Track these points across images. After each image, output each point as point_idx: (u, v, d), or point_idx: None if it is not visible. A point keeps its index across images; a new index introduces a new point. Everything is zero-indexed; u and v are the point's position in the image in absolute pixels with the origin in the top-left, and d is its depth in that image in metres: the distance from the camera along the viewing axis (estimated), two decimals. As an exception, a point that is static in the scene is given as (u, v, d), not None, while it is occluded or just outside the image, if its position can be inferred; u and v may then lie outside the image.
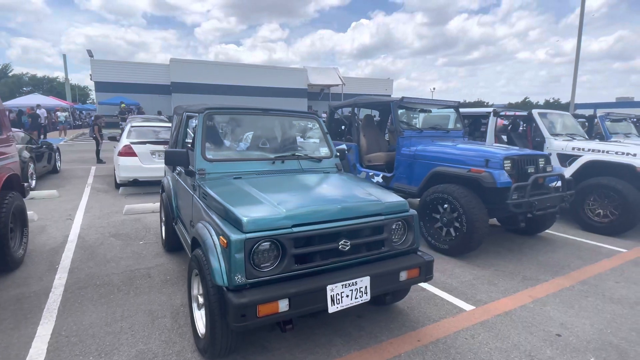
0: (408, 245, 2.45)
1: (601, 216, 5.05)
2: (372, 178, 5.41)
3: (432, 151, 4.57)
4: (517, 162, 4.04)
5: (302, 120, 3.50)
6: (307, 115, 3.47)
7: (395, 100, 5.08)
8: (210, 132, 2.97)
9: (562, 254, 4.23)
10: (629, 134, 8.13)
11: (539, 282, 3.46)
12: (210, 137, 3.02)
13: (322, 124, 3.47)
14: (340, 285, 2.07)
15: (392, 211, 2.40)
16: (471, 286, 3.34)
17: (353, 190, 2.60)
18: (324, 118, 8.34)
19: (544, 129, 5.88)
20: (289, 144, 3.39)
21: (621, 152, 5.08)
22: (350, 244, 2.17)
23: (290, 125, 3.49)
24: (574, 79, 13.30)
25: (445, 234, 4.13)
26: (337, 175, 2.99)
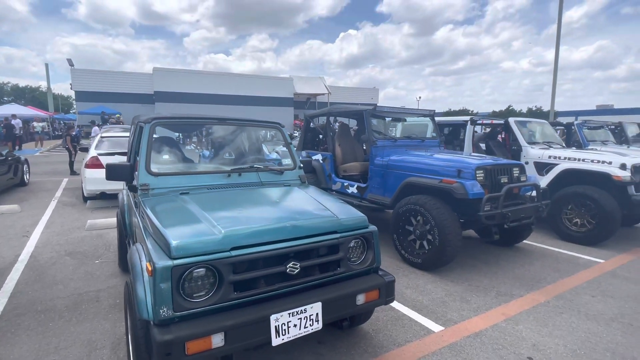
0: (367, 265, 2.27)
1: (578, 225, 4.97)
2: (347, 189, 5.25)
3: (405, 161, 4.43)
4: (490, 172, 3.91)
5: (264, 130, 3.30)
6: (269, 124, 3.29)
7: (367, 109, 4.95)
8: (159, 144, 2.76)
9: (538, 266, 4.10)
10: (606, 142, 8.18)
11: (513, 297, 3.31)
12: (159, 149, 2.81)
13: (285, 133, 3.30)
14: (287, 314, 1.86)
15: (349, 228, 2.22)
16: (442, 304, 3.16)
17: (308, 205, 2.41)
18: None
19: (521, 138, 5.81)
20: (249, 155, 3.20)
21: (597, 160, 5.03)
22: (300, 266, 1.97)
23: (251, 135, 3.30)
24: (553, 88, 13.48)
25: (419, 247, 3.96)
26: (296, 188, 2.80)
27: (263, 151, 3.30)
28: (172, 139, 3.17)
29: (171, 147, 3.05)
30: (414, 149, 4.98)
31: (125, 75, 27.16)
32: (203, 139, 3.33)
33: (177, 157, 2.91)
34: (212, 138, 3.18)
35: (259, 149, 3.31)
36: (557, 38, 13.39)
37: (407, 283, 3.60)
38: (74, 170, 10.41)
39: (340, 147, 5.74)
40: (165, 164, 2.73)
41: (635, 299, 3.29)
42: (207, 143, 3.16)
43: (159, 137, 2.91)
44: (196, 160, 3.11)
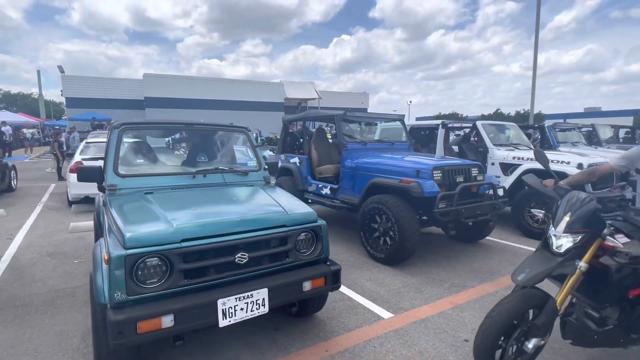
0: (316, 255, 2.50)
1: (540, 222, 5.24)
2: (321, 190, 5.48)
3: (371, 163, 4.68)
4: (447, 172, 4.17)
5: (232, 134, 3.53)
6: (235, 128, 3.52)
7: (338, 115, 5.20)
8: (129, 147, 2.97)
9: (497, 261, 4.35)
10: (577, 143, 8.51)
11: (465, 288, 3.55)
12: (129, 152, 3.03)
13: (250, 137, 3.53)
14: (234, 298, 2.08)
15: (298, 222, 2.45)
16: (397, 294, 3.40)
17: (263, 202, 2.64)
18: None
19: (487, 140, 6.10)
20: (218, 157, 3.42)
21: (556, 161, 5.32)
22: (249, 256, 2.20)
23: (222, 139, 3.52)
24: (532, 92, 13.86)
25: (383, 243, 4.20)
26: (257, 188, 3.02)
27: (234, 154, 3.51)
28: (144, 142, 3.38)
29: (142, 151, 3.26)
30: (383, 152, 5.24)
31: (116, 82, 27.28)
32: (176, 143, 3.54)
33: (146, 159, 3.13)
34: (183, 142, 3.40)
35: (230, 151, 3.53)
36: (535, 47, 13.80)
37: (369, 276, 3.82)
38: (62, 175, 10.54)
39: (316, 150, 5.98)
40: (133, 166, 2.94)
41: (578, 288, 3.54)
42: (178, 147, 3.38)
43: (132, 141, 3.13)
44: (168, 162, 3.32)
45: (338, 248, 4.77)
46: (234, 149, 3.73)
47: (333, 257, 4.43)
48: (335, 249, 4.75)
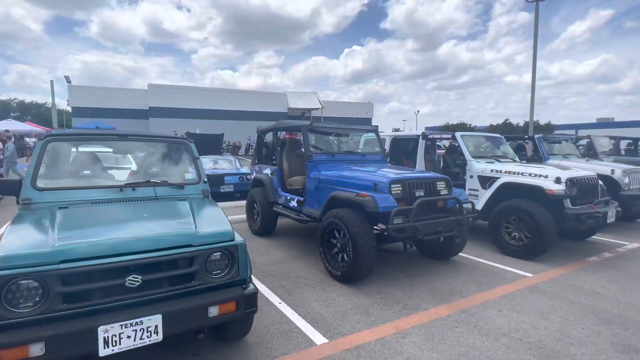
0: (230, 277, 2.33)
1: (517, 239, 4.97)
2: (290, 202, 5.31)
3: (332, 175, 4.50)
4: (408, 186, 3.97)
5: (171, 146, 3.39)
6: (174, 140, 3.39)
7: (305, 125, 5.06)
8: (52, 160, 2.86)
9: (462, 280, 4.10)
10: (568, 155, 8.21)
11: (417, 311, 3.32)
12: (57, 164, 2.92)
13: (191, 148, 3.40)
14: (119, 325, 1.92)
15: (208, 241, 2.29)
16: (342, 317, 3.18)
17: (176, 219, 2.49)
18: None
19: (466, 152, 5.87)
20: (152, 169, 3.29)
21: (534, 174, 5.06)
22: (143, 279, 2.04)
23: (164, 151, 3.38)
24: (532, 103, 13.56)
25: (340, 260, 4.00)
26: (186, 203, 2.86)
27: (179, 165, 3.37)
28: (64, 155, 3.20)
29: (77, 162, 3.15)
30: (352, 164, 5.06)
31: (121, 92, 27.76)
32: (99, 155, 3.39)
33: (72, 171, 3.00)
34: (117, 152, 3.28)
35: (172, 162, 3.39)
36: (534, 57, 13.54)
37: (319, 296, 3.62)
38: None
39: (287, 161, 5.83)
40: (55, 179, 2.82)
41: (541, 314, 3.28)
42: (102, 159, 3.25)
43: (61, 153, 3.02)
44: (101, 174, 3.19)
45: (299, 264, 4.58)
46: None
47: (292, 273, 4.30)
48: (296, 264, 4.56)
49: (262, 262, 4.67)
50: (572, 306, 3.45)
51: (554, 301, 3.56)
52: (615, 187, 6.45)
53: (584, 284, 4.01)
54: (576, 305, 3.47)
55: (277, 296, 3.59)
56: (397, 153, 7.65)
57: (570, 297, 3.65)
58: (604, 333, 2.96)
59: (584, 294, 3.75)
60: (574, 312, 3.32)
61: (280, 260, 4.75)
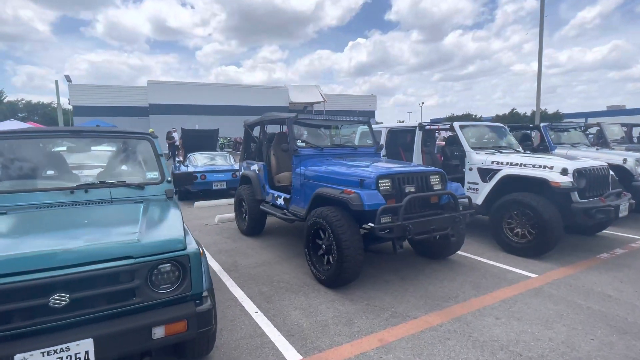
0: (180, 292, 2.02)
1: (519, 236, 4.61)
2: (277, 200, 5.01)
3: (318, 171, 4.18)
4: (398, 181, 3.63)
5: (132, 141, 3.09)
6: (135, 136, 3.09)
7: (290, 117, 4.73)
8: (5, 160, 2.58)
9: (459, 282, 3.77)
10: (577, 144, 7.77)
11: (406, 319, 3.00)
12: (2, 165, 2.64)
13: (154, 145, 3.09)
14: (40, 352, 1.63)
15: (152, 252, 1.98)
16: (322, 328, 2.88)
17: (120, 226, 2.19)
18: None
19: (465, 143, 5.49)
20: (109, 169, 2.99)
21: (538, 165, 4.68)
22: (71, 298, 1.75)
23: (120, 147, 3.09)
24: (538, 91, 13.03)
25: (326, 263, 3.69)
26: (139, 206, 2.56)
27: (141, 162, 3.07)
28: (10, 154, 2.93)
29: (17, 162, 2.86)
30: (342, 158, 4.72)
31: (121, 89, 27.63)
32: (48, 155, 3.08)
33: (18, 173, 2.72)
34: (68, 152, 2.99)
35: (134, 161, 3.10)
36: (540, 44, 13.01)
37: (301, 303, 3.32)
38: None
39: (275, 156, 5.52)
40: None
41: (544, 323, 2.94)
42: (53, 158, 2.94)
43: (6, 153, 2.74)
44: (33, 176, 2.85)
45: (286, 266, 4.28)
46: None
47: (276, 277, 3.99)
48: (282, 267, 4.26)
49: (245, 264, 4.38)
50: (580, 312, 3.11)
51: (560, 306, 3.21)
52: (628, 178, 6.03)
53: (594, 286, 3.65)
54: (585, 312, 3.12)
55: (254, 304, 3.29)
56: (394, 145, 7.29)
57: (579, 302, 3.30)
58: (617, 345, 2.61)
59: (594, 297, 3.40)
60: (582, 320, 2.98)
61: (265, 262, 4.45)
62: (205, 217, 7.01)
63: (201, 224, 6.52)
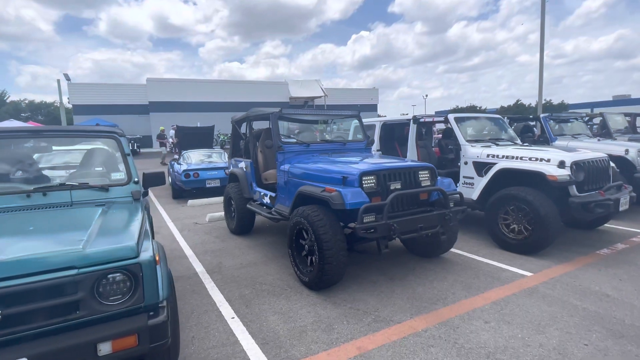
0: (131, 304, 1.87)
1: (515, 232, 4.41)
2: (263, 198, 4.85)
3: (302, 168, 4.00)
4: (383, 178, 3.45)
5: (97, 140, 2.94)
6: (100, 134, 2.93)
7: (274, 112, 4.55)
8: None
9: (449, 282, 3.59)
10: (578, 135, 7.51)
11: (389, 324, 2.83)
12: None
13: (122, 143, 2.93)
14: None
15: (98, 261, 1.83)
16: (299, 335, 2.72)
17: (68, 232, 2.05)
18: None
19: (460, 135, 5.28)
20: (71, 170, 2.85)
21: (535, 158, 4.47)
22: (3, 313, 1.60)
23: (80, 147, 2.95)
24: (540, 81, 12.69)
25: (309, 264, 3.53)
26: (96, 210, 2.40)
27: (105, 164, 2.92)
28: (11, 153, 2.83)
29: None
30: (329, 154, 4.55)
31: (121, 87, 27.55)
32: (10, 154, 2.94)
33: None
34: (29, 152, 2.84)
35: (99, 161, 2.94)
36: (542, 34, 12.66)
37: (281, 307, 3.16)
38: None
39: (262, 153, 5.35)
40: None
41: (536, 326, 2.77)
42: (17, 159, 2.80)
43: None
44: (13, 178, 2.74)
45: (271, 267, 4.13)
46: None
47: (259, 278, 3.83)
48: (267, 268, 4.11)
49: (230, 265, 4.23)
50: (575, 314, 2.92)
51: (554, 308, 3.03)
52: (630, 169, 5.79)
53: (591, 284, 3.46)
54: (580, 313, 2.93)
55: (232, 309, 3.15)
56: (390, 140, 7.09)
57: (574, 302, 3.12)
58: (612, 351, 2.43)
59: (591, 297, 3.21)
60: (576, 323, 2.79)
61: (250, 263, 4.30)
62: (196, 216, 6.88)
63: (192, 222, 6.39)
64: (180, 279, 3.84)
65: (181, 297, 3.41)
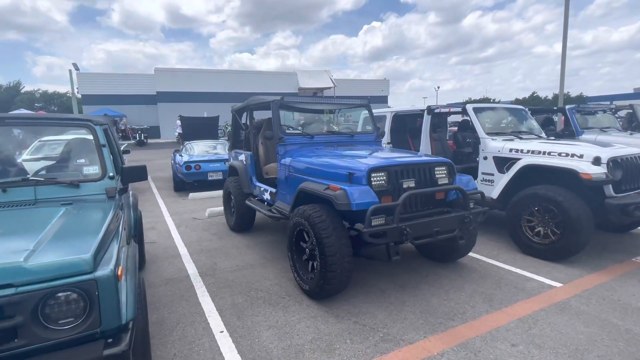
0: (85, 329, 1.53)
1: (541, 236, 3.97)
2: (264, 194, 4.49)
3: (304, 162, 3.62)
4: (395, 175, 3.04)
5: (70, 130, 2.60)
6: (72, 122, 2.58)
7: (275, 100, 4.16)
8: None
9: (468, 293, 3.19)
10: (607, 129, 6.96)
11: (400, 344, 2.46)
12: None
13: (97, 134, 2.58)
14: None
15: (44, 277, 1.48)
16: (295, 355, 2.36)
17: (13, 239, 1.70)
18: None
19: (479, 128, 4.81)
20: (39, 163, 2.51)
21: (565, 154, 4.01)
22: None
23: (49, 137, 2.61)
24: (562, 73, 12.00)
25: (311, 269, 3.17)
26: (56, 210, 2.06)
27: (76, 156, 2.58)
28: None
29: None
30: (335, 147, 4.15)
31: (129, 77, 27.37)
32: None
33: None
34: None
35: (71, 153, 2.60)
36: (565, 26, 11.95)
37: (276, 320, 2.81)
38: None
39: (263, 145, 4.97)
40: None
41: (574, 352, 2.36)
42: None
43: None
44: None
45: (269, 270, 3.78)
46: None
47: (255, 284, 3.43)
48: (266, 271, 3.76)
49: (225, 267, 3.89)
50: (618, 337, 2.50)
51: (593, 328, 2.61)
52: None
53: (632, 299, 3.03)
54: (624, 336, 2.51)
55: (222, 321, 2.80)
56: (402, 132, 6.64)
57: (615, 322, 2.69)
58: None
59: (633, 315, 2.78)
60: (621, 349, 2.38)
61: (248, 265, 3.96)
62: (196, 210, 6.57)
63: (190, 217, 6.08)
64: (170, 282, 3.51)
65: (168, 303, 3.09)
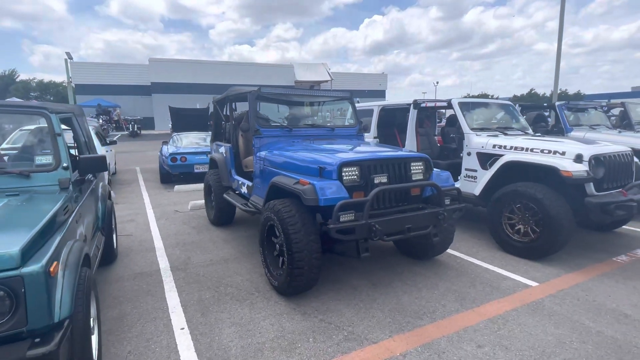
0: (9, 328, 1.44)
1: (521, 234, 3.90)
2: (241, 188, 4.39)
3: (278, 155, 3.52)
4: (368, 169, 2.95)
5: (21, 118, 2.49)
6: (25, 110, 2.46)
7: (252, 91, 4.04)
8: None
9: (441, 291, 3.12)
10: (597, 126, 6.88)
11: (363, 344, 2.39)
12: None
13: (52, 122, 2.47)
14: None
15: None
16: (254, 354, 2.29)
17: None
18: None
19: (464, 123, 4.72)
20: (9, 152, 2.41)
21: (547, 151, 3.93)
22: None
23: (8, 124, 2.50)
24: (556, 69, 11.89)
25: (281, 265, 3.08)
26: (8, 203, 1.98)
27: (29, 145, 2.48)
28: None
29: None
30: (313, 141, 4.05)
31: (123, 67, 27.06)
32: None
33: None
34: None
35: (23, 142, 2.49)
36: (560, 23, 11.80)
37: (241, 316, 2.73)
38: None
39: (243, 137, 4.87)
40: None
41: (540, 354, 2.29)
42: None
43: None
44: None
45: (243, 266, 3.71)
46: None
47: (225, 279, 3.36)
48: (239, 266, 3.69)
49: (198, 262, 3.81)
50: (587, 339, 2.44)
51: (563, 330, 2.55)
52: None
53: (607, 300, 2.97)
54: (594, 339, 2.45)
55: (185, 317, 2.73)
56: (389, 126, 6.53)
57: (587, 323, 2.63)
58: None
59: (606, 317, 2.72)
60: (589, 352, 2.31)
61: (221, 259, 3.88)
62: (180, 203, 6.48)
63: (172, 210, 5.99)
64: (139, 277, 3.43)
65: (132, 298, 3.00)
